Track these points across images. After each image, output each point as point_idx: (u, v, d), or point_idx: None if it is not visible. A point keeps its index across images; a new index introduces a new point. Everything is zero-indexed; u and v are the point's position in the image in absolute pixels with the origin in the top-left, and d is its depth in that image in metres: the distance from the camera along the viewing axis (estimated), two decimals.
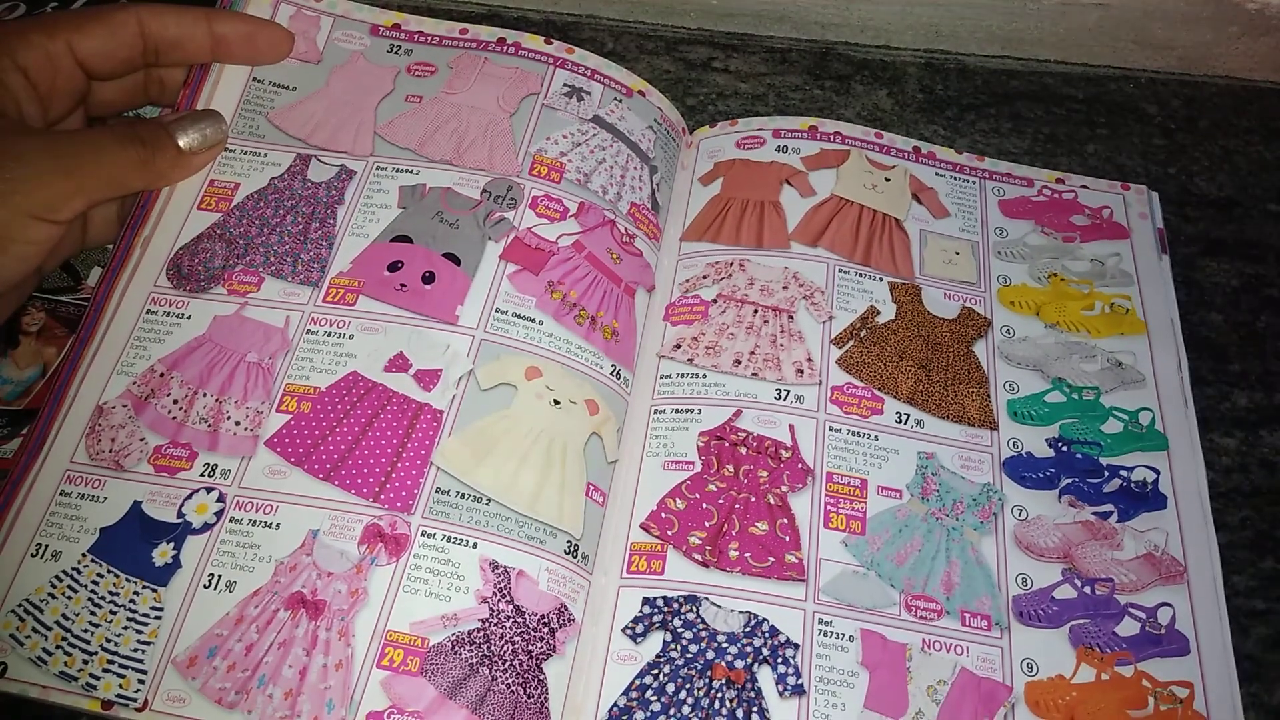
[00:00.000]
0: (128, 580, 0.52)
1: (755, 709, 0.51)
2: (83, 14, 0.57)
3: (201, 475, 0.55)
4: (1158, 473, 0.59)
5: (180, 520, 0.54)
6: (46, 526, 0.54)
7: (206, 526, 0.53)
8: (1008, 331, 0.65)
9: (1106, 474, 0.59)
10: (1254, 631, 0.56)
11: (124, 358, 0.58)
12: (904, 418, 0.60)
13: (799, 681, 0.51)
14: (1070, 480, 0.59)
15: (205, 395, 0.57)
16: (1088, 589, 0.55)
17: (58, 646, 0.51)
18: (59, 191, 0.52)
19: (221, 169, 0.64)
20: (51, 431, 0.56)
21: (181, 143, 0.60)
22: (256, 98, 0.67)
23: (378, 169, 0.65)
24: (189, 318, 0.59)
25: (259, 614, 0.51)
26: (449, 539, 0.53)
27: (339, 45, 0.70)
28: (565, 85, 0.70)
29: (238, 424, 0.56)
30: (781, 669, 0.52)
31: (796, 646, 0.52)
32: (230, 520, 0.53)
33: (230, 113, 0.66)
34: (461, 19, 0.74)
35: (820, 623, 0.53)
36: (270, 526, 0.53)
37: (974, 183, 0.72)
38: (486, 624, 0.51)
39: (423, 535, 0.53)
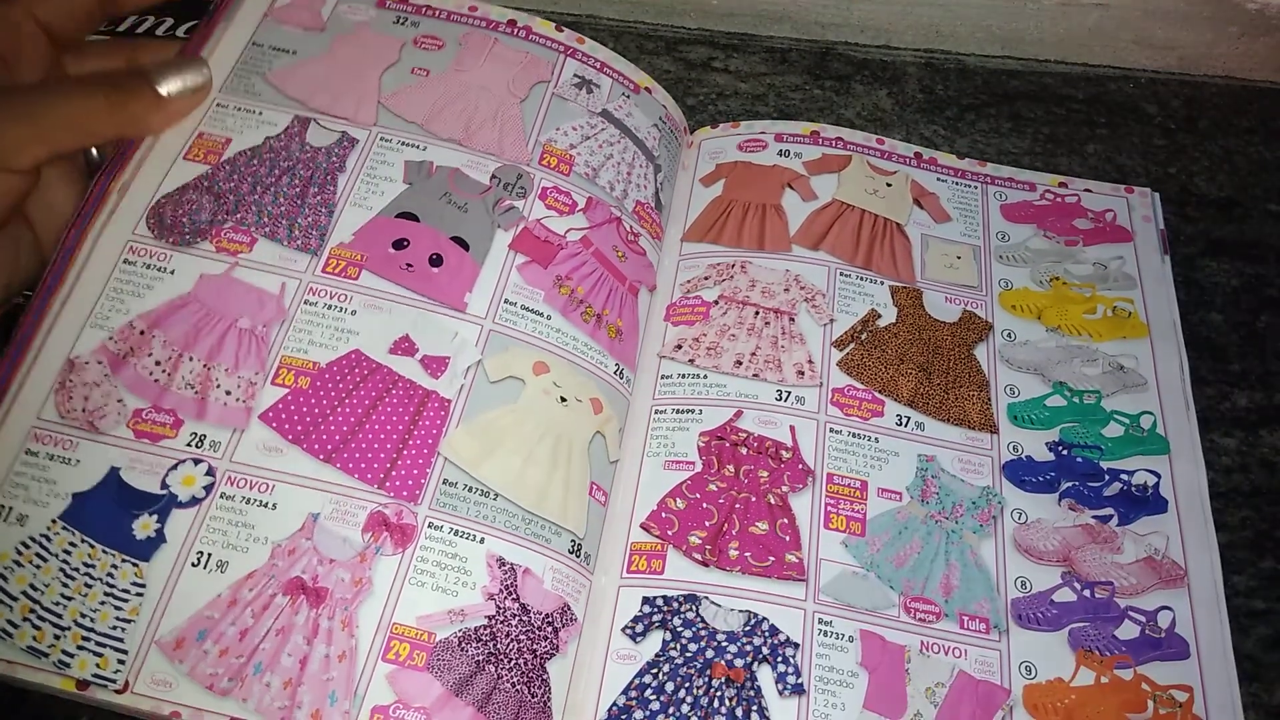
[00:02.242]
0: (105, 552, 0.49)
1: (755, 708, 0.51)
2: None
3: (188, 445, 0.52)
4: (1159, 476, 0.59)
5: (164, 491, 0.51)
6: (10, 487, 0.50)
7: (194, 500, 0.51)
8: (1009, 335, 0.65)
9: (1107, 478, 0.60)
10: (1254, 631, 0.56)
11: (98, 309, 0.54)
12: (904, 420, 0.60)
13: (799, 681, 0.51)
14: (1070, 484, 0.59)
15: (192, 359, 0.54)
16: (1087, 592, 0.55)
17: (25, 619, 0.47)
18: (16, 137, 0.49)
19: (212, 122, 0.61)
20: (14, 384, 0.52)
21: (161, 89, 0.57)
22: (254, 60, 0.65)
23: (382, 139, 0.63)
24: (172, 273, 0.56)
25: (254, 597, 0.49)
26: (456, 532, 0.52)
27: (343, 16, 0.69)
28: (575, 76, 0.70)
29: (229, 394, 0.54)
30: (781, 668, 0.52)
31: (796, 646, 0.52)
32: (221, 496, 0.51)
33: (225, 73, 0.64)
34: None
35: (820, 623, 0.53)
36: (266, 506, 0.51)
37: (976, 187, 0.72)
38: (493, 621, 0.51)
39: (430, 527, 0.52)
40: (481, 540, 0.53)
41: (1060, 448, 0.60)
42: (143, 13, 0.82)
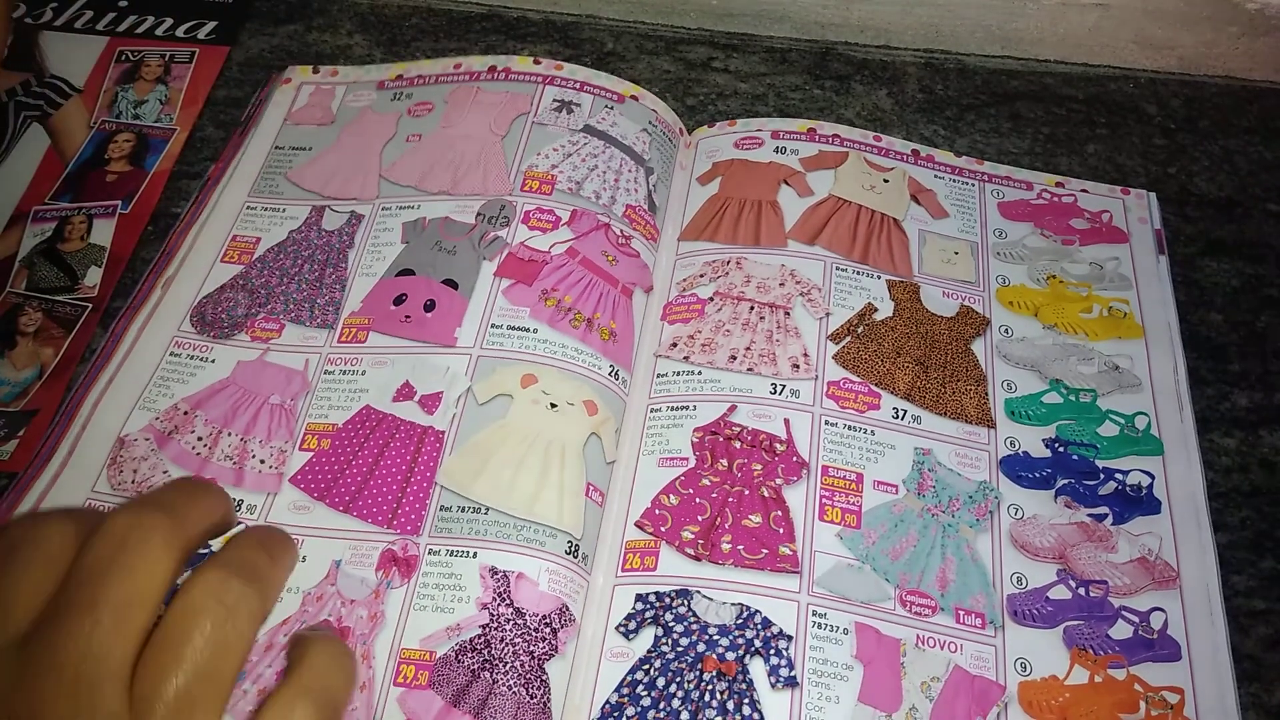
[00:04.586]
0: None
1: (746, 700, 0.50)
2: None
3: None
4: (1152, 477, 0.59)
5: (206, 551, 0.54)
6: None
7: None
8: (1006, 331, 0.64)
9: (1102, 476, 0.59)
10: (1254, 631, 0.55)
11: (146, 394, 0.61)
12: (901, 413, 0.60)
13: (791, 673, 0.51)
14: (1066, 481, 0.59)
15: (230, 435, 0.59)
16: (1082, 590, 0.55)
17: None
18: None
19: (244, 225, 0.69)
20: (61, 448, 0.58)
21: None
22: (276, 162, 0.72)
23: (383, 209, 0.68)
24: (213, 362, 0.62)
25: (288, 642, 0.52)
26: (452, 553, 0.54)
27: (350, 106, 0.75)
28: (554, 100, 0.73)
29: (262, 462, 0.58)
30: (774, 661, 0.51)
31: (789, 638, 0.52)
32: None
33: (253, 179, 0.71)
34: (461, 18, 0.74)
35: (814, 615, 0.53)
36: (298, 560, 0.54)
37: (973, 185, 0.72)
38: (487, 629, 0.52)
39: (429, 553, 0.54)
40: (474, 555, 0.54)
41: (1057, 445, 0.60)
42: (141, 12, 0.82)
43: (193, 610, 0.28)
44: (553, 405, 0.59)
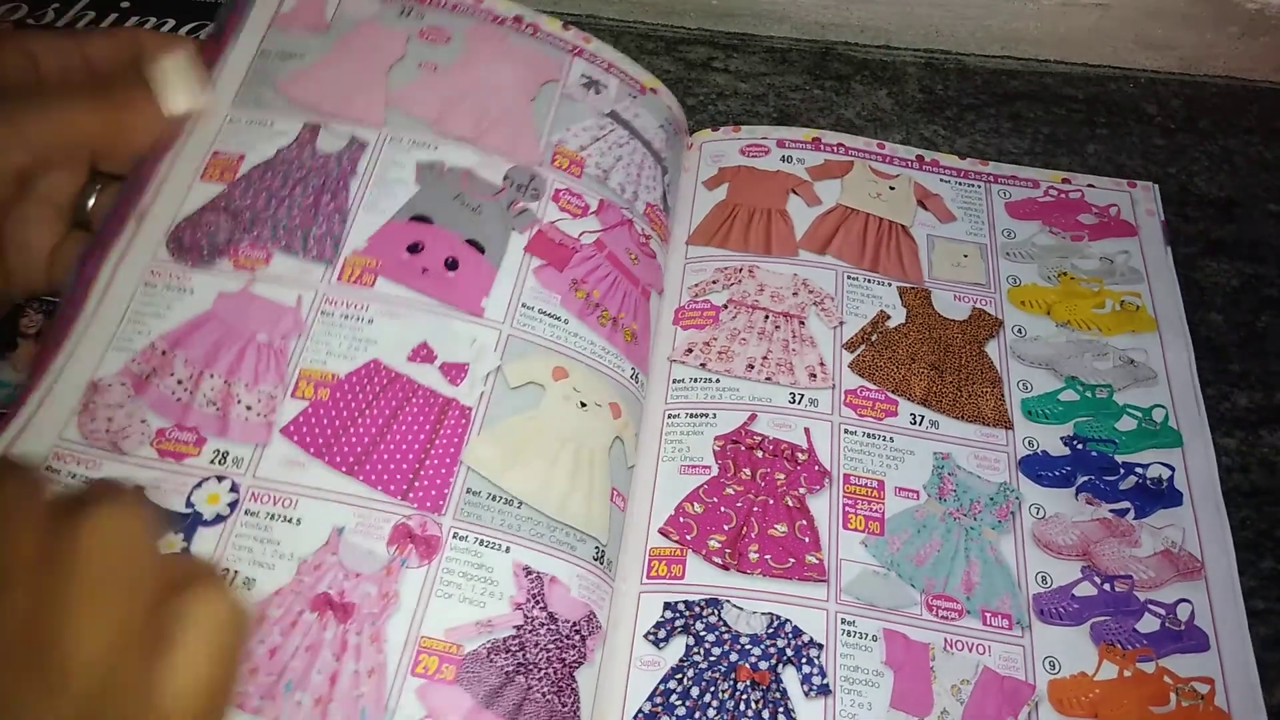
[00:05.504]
0: None
1: (781, 709, 0.50)
2: None
3: (211, 462, 0.51)
4: (1172, 469, 0.60)
5: (190, 510, 0.50)
6: None
7: (219, 518, 0.50)
8: (1019, 331, 0.65)
9: (1122, 471, 0.60)
10: (1254, 631, 0.55)
11: (120, 333, 0.54)
12: (919, 419, 0.60)
13: (824, 681, 0.51)
14: (1086, 478, 0.59)
15: (213, 376, 0.53)
16: (1107, 586, 0.55)
17: None
18: None
19: (225, 139, 0.60)
20: (29, 403, 0.50)
21: (164, 107, 0.52)
22: (262, 70, 0.63)
23: (392, 140, 0.62)
24: (191, 292, 0.55)
25: (282, 615, 0.48)
26: (481, 542, 0.51)
27: (347, 13, 0.66)
28: (584, 76, 0.69)
29: (249, 409, 0.53)
30: (806, 669, 0.51)
31: (820, 646, 0.52)
32: (246, 513, 0.50)
33: (236, 87, 0.62)
34: None
35: (843, 623, 0.53)
36: (290, 521, 0.50)
37: (979, 187, 0.72)
38: (521, 631, 0.50)
39: (455, 537, 0.51)
40: (507, 549, 0.52)
41: (1075, 442, 0.60)
42: (143, 14, 0.82)
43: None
44: (583, 404, 0.57)
